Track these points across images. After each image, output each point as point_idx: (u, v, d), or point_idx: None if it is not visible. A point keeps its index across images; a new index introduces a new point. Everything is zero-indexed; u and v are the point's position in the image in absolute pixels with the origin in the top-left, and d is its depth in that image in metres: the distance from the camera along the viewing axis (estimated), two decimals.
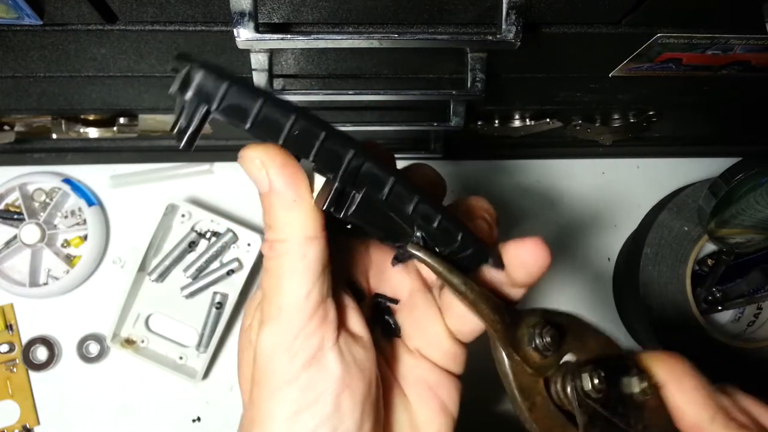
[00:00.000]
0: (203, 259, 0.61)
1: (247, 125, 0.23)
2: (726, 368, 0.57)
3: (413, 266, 0.32)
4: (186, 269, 0.61)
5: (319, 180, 0.25)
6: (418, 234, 0.26)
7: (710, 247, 0.59)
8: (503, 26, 0.34)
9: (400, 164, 0.35)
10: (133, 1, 0.34)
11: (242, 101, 0.23)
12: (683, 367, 0.27)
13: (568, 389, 0.26)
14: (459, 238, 0.27)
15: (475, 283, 0.27)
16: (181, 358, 0.61)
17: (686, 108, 0.56)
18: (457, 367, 0.31)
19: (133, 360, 0.60)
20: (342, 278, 0.30)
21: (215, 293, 0.61)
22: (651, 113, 0.55)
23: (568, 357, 0.27)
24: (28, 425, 0.61)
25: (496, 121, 0.56)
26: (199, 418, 0.62)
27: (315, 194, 0.26)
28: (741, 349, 0.58)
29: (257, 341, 0.27)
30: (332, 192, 0.25)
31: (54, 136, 0.57)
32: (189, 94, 0.22)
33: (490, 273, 0.29)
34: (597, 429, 0.26)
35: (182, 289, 0.61)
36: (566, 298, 0.66)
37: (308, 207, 0.25)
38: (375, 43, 0.36)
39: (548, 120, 0.56)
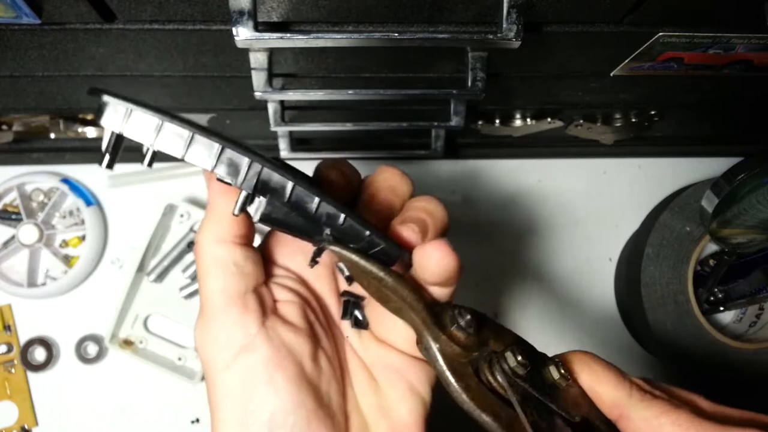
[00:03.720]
0: None
1: (150, 143, 0.26)
2: (728, 369, 0.57)
3: None
4: (185, 270, 0.61)
5: None
6: (327, 231, 0.29)
7: (712, 247, 0.59)
8: (504, 25, 0.34)
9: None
10: (131, 0, 0.34)
11: (143, 124, 0.26)
12: (592, 357, 0.30)
13: (497, 374, 0.28)
14: (366, 234, 0.29)
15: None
16: (179, 359, 0.60)
17: (688, 107, 0.56)
18: None
19: (132, 361, 0.60)
20: (284, 277, 0.33)
21: None
22: (653, 113, 0.55)
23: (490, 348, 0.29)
24: (26, 426, 0.60)
25: (497, 121, 0.56)
26: (198, 420, 0.62)
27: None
28: (743, 349, 0.57)
29: (194, 337, 0.30)
30: (239, 198, 0.28)
31: (52, 135, 0.57)
32: (101, 121, 0.26)
33: (412, 274, 0.31)
34: (530, 408, 0.27)
35: (181, 289, 0.61)
36: (567, 299, 0.66)
37: (222, 215, 0.29)
38: (375, 42, 0.36)
39: (549, 119, 0.55)
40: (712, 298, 0.59)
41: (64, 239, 0.62)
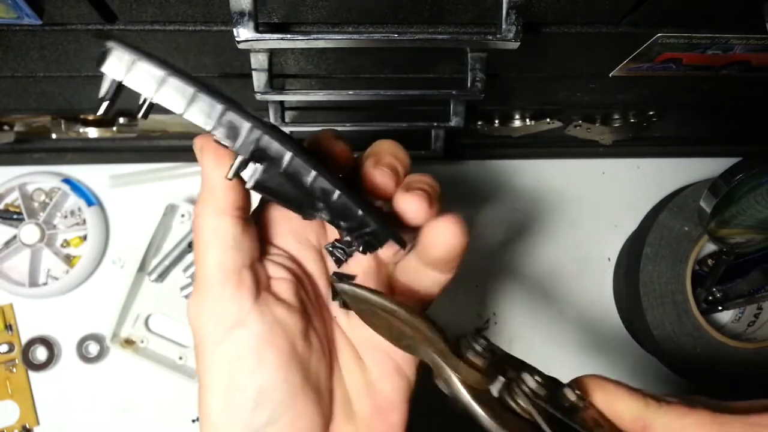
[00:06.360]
0: None
1: (151, 96, 0.26)
2: (726, 368, 0.57)
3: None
4: (186, 269, 0.61)
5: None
6: (320, 205, 0.28)
7: (710, 247, 0.59)
8: (503, 26, 0.34)
9: None
10: (132, 1, 0.34)
11: (147, 74, 0.26)
12: (602, 377, 0.30)
13: (518, 398, 0.27)
14: (359, 214, 0.29)
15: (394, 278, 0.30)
16: (180, 358, 0.61)
17: (687, 108, 0.56)
18: None
19: (133, 360, 0.60)
20: (284, 256, 0.32)
21: None
22: (651, 113, 0.55)
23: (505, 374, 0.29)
24: (27, 425, 0.61)
25: (496, 121, 0.56)
26: (199, 418, 0.62)
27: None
28: (741, 349, 0.58)
29: (188, 310, 0.30)
30: (235, 162, 0.27)
31: (53, 136, 0.57)
32: (103, 67, 0.26)
33: (411, 258, 0.31)
34: (557, 430, 0.27)
35: (182, 289, 0.61)
36: (566, 299, 0.66)
37: (223, 186, 0.28)
38: (375, 43, 0.36)
39: (548, 120, 0.56)
40: (710, 298, 0.59)
41: (66, 239, 0.62)
